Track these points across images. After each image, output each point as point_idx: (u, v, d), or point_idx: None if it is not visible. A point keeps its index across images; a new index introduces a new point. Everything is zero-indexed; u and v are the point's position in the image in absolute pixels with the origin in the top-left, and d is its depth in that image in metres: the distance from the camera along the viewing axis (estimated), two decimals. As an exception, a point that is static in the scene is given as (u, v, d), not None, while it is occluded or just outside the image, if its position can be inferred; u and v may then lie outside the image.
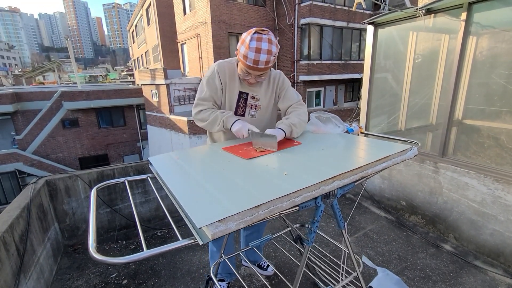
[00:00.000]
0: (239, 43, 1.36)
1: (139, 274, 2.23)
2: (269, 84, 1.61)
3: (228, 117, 1.45)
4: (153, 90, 13.41)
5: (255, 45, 1.27)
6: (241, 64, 1.37)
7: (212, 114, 1.47)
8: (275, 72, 1.65)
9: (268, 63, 1.32)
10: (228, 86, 1.52)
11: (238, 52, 1.38)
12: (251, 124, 1.43)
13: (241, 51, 1.32)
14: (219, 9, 11.72)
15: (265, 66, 1.32)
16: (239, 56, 1.36)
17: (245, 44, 1.29)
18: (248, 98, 1.56)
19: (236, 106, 1.56)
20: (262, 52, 1.28)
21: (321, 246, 2.43)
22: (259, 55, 1.28)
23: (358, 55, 14.51)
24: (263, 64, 1.31)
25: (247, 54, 1.29)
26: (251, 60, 1.30)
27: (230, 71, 1.51)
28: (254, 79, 1.42)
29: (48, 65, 29.58)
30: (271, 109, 1.66)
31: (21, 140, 13.32)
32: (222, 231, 0.71)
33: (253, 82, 1.44)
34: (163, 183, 1.04)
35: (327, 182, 0.93)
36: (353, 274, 1.39)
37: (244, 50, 1.30)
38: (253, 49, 1.27)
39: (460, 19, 2.41)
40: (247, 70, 1.37)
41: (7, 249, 1.61)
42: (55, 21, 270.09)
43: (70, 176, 2.56)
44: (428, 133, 3.03)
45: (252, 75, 1.40)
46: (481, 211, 2.30)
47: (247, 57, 1.30)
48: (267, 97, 1.61)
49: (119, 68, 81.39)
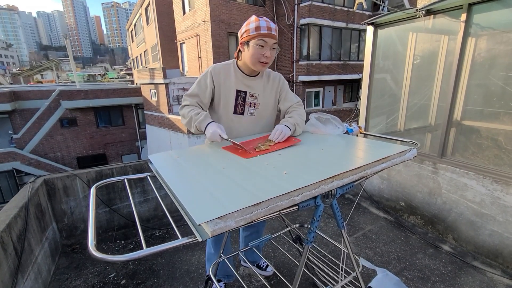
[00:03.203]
0: (243, 27, 1.43)
1: (138, 274, 2.22)
2: (269, 83, 1.62)
3: (200, 120, 1.42)
4: (152, 89, 13.39)
5: (262, 18, 1.40)
6: (254, 39, 1.39)
7: (189, 114, 1.47)
8: (275, 73, 1.67)
9: (276, 32, 1.43)
10: (224, 86, 1.53)
11: (245, 34, 1.41)
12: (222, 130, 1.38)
13: (251, 27, 1.39)
14: (218, 8, 11.72)
15: (276, 33, 1.42)
16: (248, 34, 1.40)
17: (252, 21, 1.39)
18: (246, 96, 1.56)
19: (235, 105, 1.55)
20: (270, 22, 1.41)
21: (321, 246, 2.43)
22: (270, 23, 1.40)
23: (357, 56, 14.53)
24: (275, 31, 1.41)
25: (259, 24, 1.37)
26: (264, 28, 1.38)
27: (225, 71, 1.53)
28: (270, 52, 1.43)
29: (46, 64, 29.46)
30: (271, 108, 1.66)
31: (18, 139, 13.26)
32: (222, 228, 0.71)
33: (269, 55, 1.44)
34: (162, 181, 1.04)
35: (327, 181, 0.93)
36: (352, 274, 1.39)
37: (254, 23, 1.38)
38: (262, 21, 1.39)
39: (459, 20, 2.42)
40: (263, 40, 1.39)
41: (5, 249, 1.60)
42: (53, 20, 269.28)
43: (68, 176, 2.55)
44: (427, 134, 3.03)
45: (268, 46, 1.42)
46: (480, 211, 2.31)
47: (260, 27, 1.37)
48: (266, 95, 1.61)
49: (118, 67, 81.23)
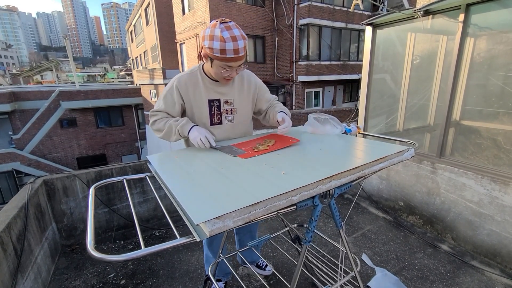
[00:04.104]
0: (206, 40, 1.23)
1: (137, 274, 2.23)
2: (243, 84, 1.52)
3: (182, 125, 1.35)
4: (152, 90, 13.40)
5: (229, 34, 1.18)
6: (218, 61, 1.24)
7: (167, 124, 1.39)
8: (247, 73, 1.56)
9: (245, 49, 1.25)
10: (193, 98, 1.42)
11: (209, 51, 1.24)
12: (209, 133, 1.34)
13: (214, 47, 1.20)
14: (218, 9, 11.72)
15: (244, 53, 1.25)
16: (212, 54, 1.23)
17: (216, 38, 1.19)
18: (221, 104, 1.46)
19: (210, 116, 1.45)
20: (238, 38, 1.20)
21: (319, 246, 2.44)
22: (237, 43, 1.20)
23: (356, 56, 14.55)
24: (243, 51, 1.24)
25: (224, 47, 1.19)
26: (231, 51, 1.20)
27: (192, 82, 1.42)
28: (236, 71, 1.33)
29: (46, 64, 29.46)
30: (249, 110, 1.59)
31: (18, 139, 13.27)
32: (220, 228, 0.72)
33: (234, 75, 1.36)
34: (161, 181, 1.05)
35: (325, 181, 0.94)
36: (350, 274, 1.40)
37: (219, 44, 1.19)
38: (228, 39, 1.18)
39: (458, 21, 2.43)
40: (228, 65, 1.25)
41: (5, 249, 1.60)
42: (53, 20, 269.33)
43: (68, 176, 2.55)
44: (426, 134, 3.04)
45: (234, 68, 1.29)
46: (478, 211, 2.32)
47: (226, 50, 1.19)
48: (242, 98, 1.52)
49: (118, 67, 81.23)
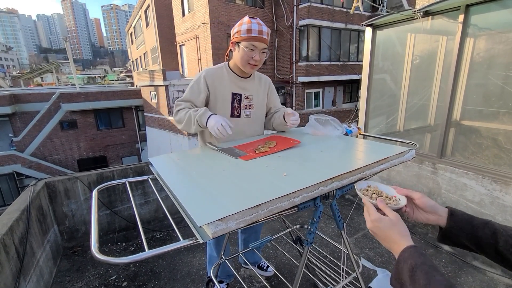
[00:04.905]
0: (236, 26, 1.41)
1: (139, 276, 2.23)
2: (261, 85, 1.66)
3: (201, 114, 1.39)
4: (152, 91, 13.41)
5: (254, 21, 1.39)
6: (245, 42, 1.39)
7: (187, 114, 1.44)
8: (264, 76, 1.72)
9: (268, 36, 1.42)
10: (219, 90, 1.52)
11: (236, 35, 1.41)
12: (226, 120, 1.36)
13: (242, 28, 1.37)
14: (217, 10, 11.75)
15: (267, 37, 1.41)
16: (239, 35, 1.39)
17: (244, 22, 1.38)
18: (242, 98, 1.57)
19: (232, 108, 1.56)
20: (263, 25, 1.40)
21: (321, 247, 2.44)
22: (262, 26, 1.39)
23: (356, 56, 14.56)
24: (266, 35, 1.40)
25: (251, 27, 1.36)
26: (256, 31, 1.36)
27: (219, 75, 1.53)
28: (259, 55, 1.43)
29: (46, 66, 29.50)
30: (264, 108, 1.71)
31: (19, 142, 13.28)
32: (223, 230, 0.72)
33: (258, 59, 1.45)
34: (164, 183, 1.05)
35: (326, 183, 0.94)
36: (352, 275, 1.40)
37: (246, 25, 1.36)
38: (254, 23, 1.37)
39: (457, 21, 2.44)
40: (253, 44, 1.39)
41: (7, 252, 1.61)
42: (53, 23, 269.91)
43: (69, 178, 2.56)
44: (426, 134, 3.04)
45: (258, 50, 1.41)
46: (479, 211, 2.32)
47: (252, 30, 1.36)
48: (260, 96, 1.65)
49: (118, 69, 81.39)
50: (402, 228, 0.68)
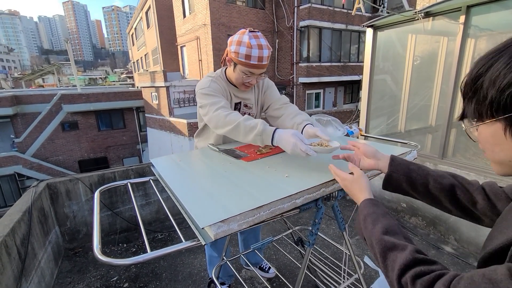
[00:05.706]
0: (233, 45, 1.26)
1: (140, 277, 2.23)
2: (259, 90, 1.57)
3: (263, 130, 1.12)
4: (153, 92, 13.45)
5: (256, 42, 1.23)
6: (242, 66, 1.28)
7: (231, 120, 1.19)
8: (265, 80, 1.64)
9: (268, 59, 1.30)
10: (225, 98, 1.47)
11: (234, 55, 1.27)
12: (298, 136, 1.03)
13: (241, 52, 1.24)
14: (218, 11, 11.78)
15: (267, 62, 1.30)
16: (237, 58, 1.27)
17: (244, 43, 1.23)
18: (241, 107, 1.50)
19: None
20: (264, 47, 1.25)
21: (322, 248, 2.44)
22: (262, 51, 1.25)
23: (357, 57, 14.57)
24: (266, 60, 1.28)
25: (250, 53, 1.23)
26: (255, 58, 1.24)
27: (220, 85, 1.41)
28: (256, 80, 1.35)
29: (47, 68, 29.57)
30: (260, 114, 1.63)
31: (20, 143, 13.31)
32: (225, 231, 0.72)
33: (254, 83, 1.38)
34: (165, 185, 1.05)
35: (328, 184, 0.94)
36: (354, 276, 1.40)
37: (245, 50, 1.23)
38: (255, 46, 1.23)
39: (458, 22, 2.44)
40: (251, 71, 1.28)
41: (9, 253, 1.61)
42: (54, 24, 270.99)
43: (71, 179, 2.56)
44: (427, 135, 3.04)
45: (255, 75, 1.32)
46: (481, 212, 2.31)
47: (251, 56, 1.23)
48: (259, 103, 1.58)
49: (119, 70, 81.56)
50: (363, 184, 0.78)
